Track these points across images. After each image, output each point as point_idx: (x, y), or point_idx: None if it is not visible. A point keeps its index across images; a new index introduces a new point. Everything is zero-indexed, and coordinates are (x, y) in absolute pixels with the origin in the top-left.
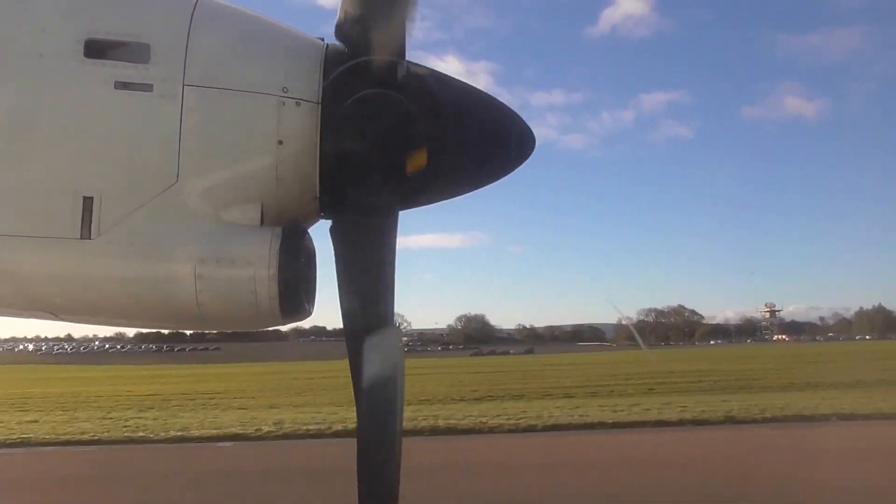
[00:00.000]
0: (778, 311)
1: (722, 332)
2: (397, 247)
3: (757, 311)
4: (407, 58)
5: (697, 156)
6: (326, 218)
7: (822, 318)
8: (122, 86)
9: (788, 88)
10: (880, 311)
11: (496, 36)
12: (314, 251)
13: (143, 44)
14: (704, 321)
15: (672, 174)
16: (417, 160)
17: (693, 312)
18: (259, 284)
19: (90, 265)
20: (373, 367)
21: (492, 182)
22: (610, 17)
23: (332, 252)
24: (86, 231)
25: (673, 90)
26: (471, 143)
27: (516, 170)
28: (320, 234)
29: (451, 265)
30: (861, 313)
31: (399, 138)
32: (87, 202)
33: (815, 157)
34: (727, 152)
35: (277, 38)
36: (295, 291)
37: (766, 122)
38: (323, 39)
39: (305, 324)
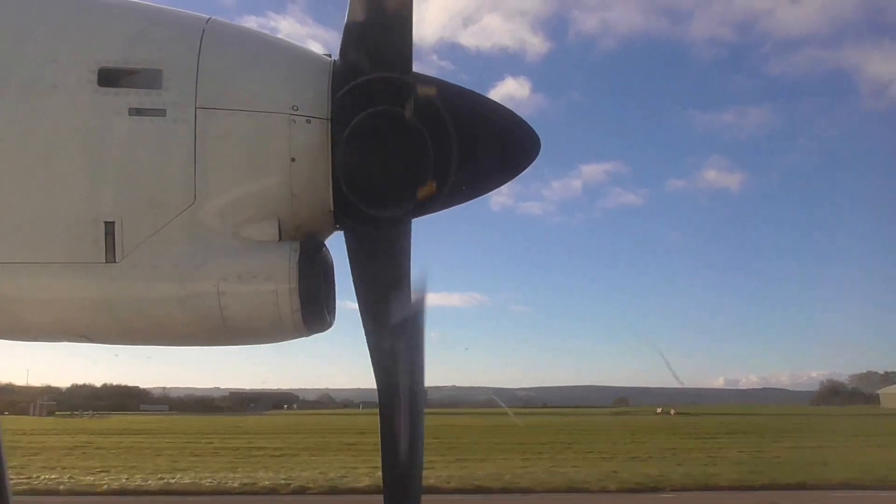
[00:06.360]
0: None
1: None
2: None
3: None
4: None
5: (644, 220)
6: (341, 230)
7: None
8: (136, 112)
9: (714, 161)
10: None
11: None
12: (332, 263)
13: (156, 70)
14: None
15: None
16: (427, 189)
17: None
18: (281, 298)
19: (116, 288)
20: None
21: (501, 185)
22: (494, 97)
23: (348, 262)
24: (110, 255)
25: (607, 161)
26: (478, 149)
27: (524, 171)
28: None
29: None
30: None
31: (407, 152)
32: (109, 226)
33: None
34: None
35: (285, 57)
36: (316, 303)
37: (693, 191)
38: (330, 55)
39: None
